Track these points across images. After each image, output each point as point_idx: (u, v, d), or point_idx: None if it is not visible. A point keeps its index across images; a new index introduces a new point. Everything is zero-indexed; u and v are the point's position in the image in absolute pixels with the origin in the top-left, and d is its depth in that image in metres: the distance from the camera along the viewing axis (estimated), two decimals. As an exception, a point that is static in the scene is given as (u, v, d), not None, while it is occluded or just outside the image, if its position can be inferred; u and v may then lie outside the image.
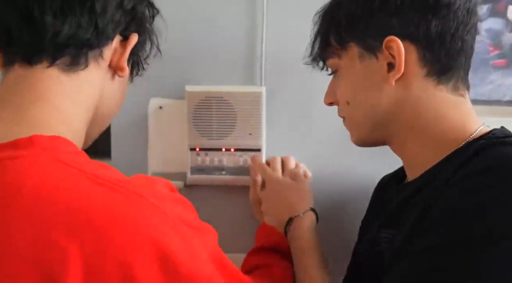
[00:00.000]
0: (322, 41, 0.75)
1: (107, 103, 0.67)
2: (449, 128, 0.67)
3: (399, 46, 0.65)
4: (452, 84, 0.67)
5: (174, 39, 1.00)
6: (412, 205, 0.68)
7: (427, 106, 0.67)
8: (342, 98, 0.75)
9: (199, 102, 0.98)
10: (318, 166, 1.01)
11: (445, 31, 0.65)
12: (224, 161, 1.00)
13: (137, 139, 1.03)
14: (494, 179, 0.56)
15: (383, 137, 0.73)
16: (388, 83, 0.67)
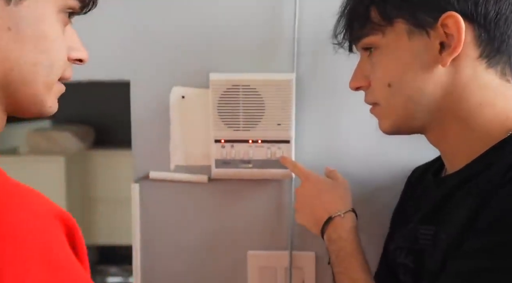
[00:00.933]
0: (360, 18, 0.70)
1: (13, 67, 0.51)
2: (495, 116, 0.65)
3: (459, 23, 0.62)
4: (501, 68, 0.65)
5: (197, 24, 0.95)
6: (458, 200, 0.65)
7: (475, 91, 0.65)
8: (382, 80, 0.69)
9: (224, 91, 0.92)
10: (352, 159, 0.95)
11: (501, 13, 0.63)
12: (250, 153, 0.94)
13: (159, 131, 0.98)
14: None
15: (421, 125, 0.69)
16: (441, 63, 0.64)
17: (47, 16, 0.52)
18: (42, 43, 0.52)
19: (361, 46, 0.72)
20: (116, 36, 0.96)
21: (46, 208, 0.46)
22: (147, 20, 0.96)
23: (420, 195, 0.77)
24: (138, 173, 0.99)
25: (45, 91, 0.54)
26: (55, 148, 2.72)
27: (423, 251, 0.69)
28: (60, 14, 0.54)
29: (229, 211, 0.99)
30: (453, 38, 0.63)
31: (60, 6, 0.54)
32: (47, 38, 0.52)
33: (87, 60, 0.60)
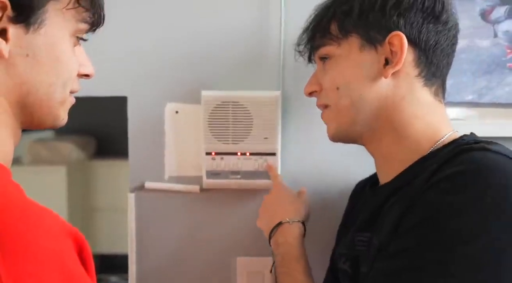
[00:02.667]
0: (321, 29, 0.78)
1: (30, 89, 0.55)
2: (424, 129, 0.72)
3: (403, 43, 0.70)
4: (435, 89, 0.74)
5: (189, 44, 1.02)
6: (388, 208, 0.71)
7: (410, 104, 0.72)
8: (331, 84, 0.77)
9: (215, 107, 0.99)
10: (333, 170, 1.01)
11: (439, 43, 0.73)
12: (239, 165, 1.00)
13: (154, 144, 1.04)
14: (465, 183, 0.61)
15: (361, 132, 0.76)
16: (383, 75, 0.72)
17: (61, 41, 0.56)
18: (56, 66, 0.56)
19: (318, 55, 0.81)
20: (114, 55, 1.03)
21: (59, 226, 0.49)
22: (143, 40, 1.02)
23: (360, 205, 0.84)
24: (134, 183, 1.05)
25: (59, 106, 0.59)
26: (57, 158, 2.74)
27: (358, 257, 0.75)
28: (72, 37, 0.58)
29: (219, 219, 1.05)
30: (396, 55, 0.71)
31: (72, 31, 0.58)
32: (61, 61, 0.57)
33: (93, 75, 0.64)
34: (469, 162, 0.64)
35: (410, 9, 0.71)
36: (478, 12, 0.99)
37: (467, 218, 0.59)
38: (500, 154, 0.64)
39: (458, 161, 0.64)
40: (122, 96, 1.04)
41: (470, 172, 0.62)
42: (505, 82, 0.97)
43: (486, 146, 0.65)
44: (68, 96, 0.61)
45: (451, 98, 0.95)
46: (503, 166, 0.62)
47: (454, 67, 0.96)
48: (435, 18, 0.72)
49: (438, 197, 0.62)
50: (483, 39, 0.98)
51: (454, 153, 0.66)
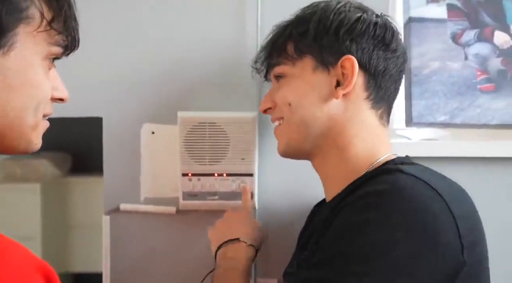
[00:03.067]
0: (278, 49, 0.81)
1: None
2: (364, 150, 0.75)
3: (354, 65, 0.74)
4: (380, 113, 0.77)
5: (166, 64, 1.02)
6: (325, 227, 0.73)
7: (355, 124, 0.76)
8: (284, 99, 0.79)
9: (191, 128, 0.98)
10: (310, 191, 1.01)
11: (388, 69, 0.76)
12: (216, 186, 1.00)
13: (130, 165, 1.03)
14: (373, 202, 0.65)
15: (309, 149, 0.79)
16: (334, 96, 0.75)
17: (33, 64, 0.55)
18: (28, 90, 0.55)
19: (273, 73, 0.83)
20: (90, 75, 1.02)
21: (27, 261, 0.47)
22: (118, 60, 1.02)
23: (307, 225, 0.87)
24: (109, 205, 1.04)
25: (31, 131, 0.57)
26: (31, 175, 2.68)
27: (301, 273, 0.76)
28: (44, 61, 0.57)
29: (196, 241, 1.04)
30: (347, 77, 0.74)
31: (44, 54, 0.56)
32: (33, 85, 0.55)
33: (67, 99, 0.62)
34: (380, 183, 0.67)
35: (362, 35, 0.75)
36: (449, 35, 1.02)
37: (375, 234, 0.63)
38: (411, 175, 0.67)
39: (373, 182, 0.68)
40: (97, 117, 1.03)
41: (379, 192, 0.65)
42: (476, 103, 0.99)
43: (400, 167, 0.69)
44: (41, 120, 0.59)
45: (424, 119, 0.97)
46: (411, 187, 0.65)
47: (427, 89, 0.98)
48: (385, 46, 0.76)
49: (349, 215, 0.66)
50: (454, 61, 1.01)
51: (372, 174, 0.70)
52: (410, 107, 0.98)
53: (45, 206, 2.67)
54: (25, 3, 0.53)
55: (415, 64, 0.99)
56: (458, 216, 0.64)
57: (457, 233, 0.63)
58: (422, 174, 0.68)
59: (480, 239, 0.69)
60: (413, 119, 0.97)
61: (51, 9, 0.56)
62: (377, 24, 0.76)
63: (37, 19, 0.55)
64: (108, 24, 1.01)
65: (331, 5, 0.77)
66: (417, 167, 0.73)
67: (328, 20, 0.75)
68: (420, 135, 1.00)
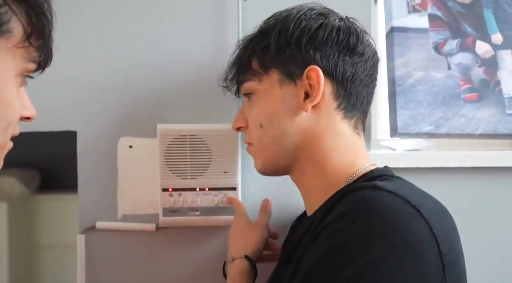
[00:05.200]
0: (243, 65, 0.79)
1: None
2: (342, 162, 0.73)
3: (319, 75, 0.71)
4: (354, 122, 0.75)
5: (144, 75, 0.98)
6: (305, 243, 0.70)
7: (329, 137, 0.73)
8: (255, 121, 0.78)
9: (171, 141, 0.94)
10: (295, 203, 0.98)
11: (357, 75, 0.73)
12: (198, 201, 0.96)
13: (106, 181, 0.98)
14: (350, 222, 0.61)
15: (286, 165, 0.77)
16: (303, 109, 0.72)
17: (7, 80, 0.52)
18: (0, 109, 0.52)
19: (243, 91, 0.81)
20: (63, 87, 0.97)
21: None
22: (93, 71, 0.98)
23: (289, 238, 0.85)
24: (84, 223, 0.98)
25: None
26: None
27: None
28: (18, 78, 0.54)
29: (178, 259, 1.00)
30: (314, 88, 0.71)
31: (19, 70, 0.54)
32: (5, 103, 0.53)
33: (35, 118, 0.60)
34: (354, 202, 0.63)
35: (325, 43, 0.72)
36: (431, 45, 1.01)
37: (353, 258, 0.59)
38: (389, 192, 0.63)
39: (349, 200, 0.64)
40: (71, 131, 0.98)
41: (355, 212, 0.62)
42: (461, 113, 0.99)
43: (377, 184, 0.64)
44: (8, 141, 0.56)
45: (410, 129, 0.96)
46: (390, 205, 0.61)
47: (411, 99, 0.98)
48: (351, 51, 0.73)
49: (326, 239, 0.63)
50: (438, 71, 1.00)
51: (348, 190, 0.66)
52: (394, 117, 0.96)
53: (12, 226, 2.59)
54: (6, 16, 0.51)
55: (399, 74, 0.98)
56: (438, 234, 0.61)
57: (438, 253, 0.60)
58: (401, 190, 0.64)
59: (460, 258, 0.65)
60: (398, 129, 0.96)
61: (30, 25, 0.54)
62: (340, 29, 0.73)
63: (18, 34, 0.53)
64: (85, 35, 0.97)
65: (291, 15, 0.74)
66: (395, 182, 0.69)
67: (288, 31, 0.73)
68: (405, 146, 0.99)
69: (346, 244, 0.60)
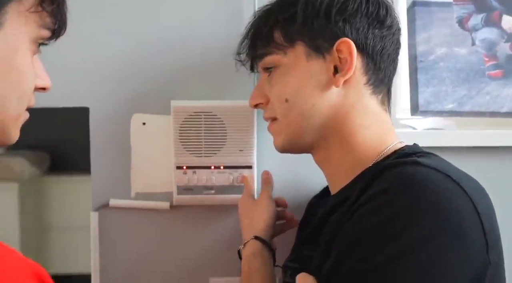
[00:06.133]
0: (264, 37, 0.75)
1: None
2: (370, 138, 0.71)
3: (351, 48, 0.68)
4: (381, 97, 0.72)
5: (158, 50, 0.95)
6: (331, 222, 0.69)
7: (358, 113, 0.70)
8: (280, 95, 0.74)
9: (186, 118, 0.92)
10: (311, 183, 0.96)
11: (386, 49, 0.71)
12: (213, 179, 0.94)
13: (119, 158, 0.97)
14: (391, 200, 0.59)
15: (311, 142, 0.74)
16: (334, 84, 0.69)
17: (20, 48, 0.51)
18: (14, 76, 0.50)
19: (262, 65, 0.77)
20: (75, 62, 0.95)
21: (20, 266, 0.42)
22: (106, 45, 0.95)
23: (308, 217, 0.82)
24: (97, 201, 0.97)
25: (12, 123, 0.52)
26: (8, 175, 2.60)
27: (304, 270, 0.71)
28: (32, 44, 0.53)
29: (191, 238, 0.98)
30: (345, 62, 0.69)
31: (33, 37, 0.52)
32: (19, 71, 0.51)
33: (50, 88, 0.58)
34: (398, 177, 0.61)
35: (355, 14, 0.69)
36: (455, 19, 0.98)
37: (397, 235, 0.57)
38: (431, 168, 0.61)
39: (389, 176, 0.62)
40: (83, 107, 0.96)
41: (400, 187, 0.60)
42: (485, 90, 0.96)
43: (418, 160, 0.63)
44: (24, 111, 0.54)
45: (431, 107, 0.93)
46: (433, 181, 0.60)
47: (433, 76, 0.94)
48: (380, 23, 0.71)
49: (368, 215, 0.60)
50: (461, 47, 0.97)
51: (386, 166, 0.64)
52: (416, 95, 0.93)
53: (23, 206, 2.60)
54: None
55: (421, 50, 0.95)
56: (481, 212, 0.59)
57: (482, 230, 0.58)
58: (441, 166, 0.62)
59: (499, 238, 0.64)
60: (420, 107, 0.93)
61: None
62: (369, 1, 0.70)
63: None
64: (97, 9, 0.94)
65: None
66: (433, 158, 0.67)
67: (317, 1, 0.69)
68: (425, 125, 0.96)
69: (388, 221, 0.58)
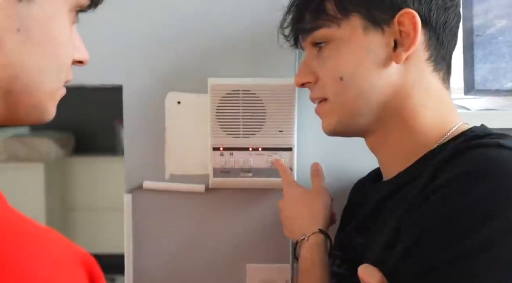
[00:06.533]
0: (314, 9, 0.68)
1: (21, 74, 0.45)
2: (433, 119, 0.66)
3: (415, 20, 0.62)
4: (442, 75, 0.67)
5: (194, 25, 0.91)
6: (390, 208, 0.64)
7: (419, 92, 0.65)
8: (333, 73, 0.68)
9: (223, 97, 0.88)
10: (356, 167, 0.91)
11: (449, 22, 0.66)
12: (251, 161, 0.90)
13: (153, 139, 0.93)
14: (476, 184, 0.54)
15: (366, 124, 0.69)
16: (395, 60, 0.64)
17: (58, 15, 0.47)
18: (52, 47, 0.47)
19: (311, 40, 0.70)
20: (108, 38, 0.91)
21: (68, 252, 0.39)
22: (141, 22, 0.91)
23: (359, 203, 0.76)
24: (131, 183, 0.94)
25: (49, 98, 0.49)
26: (34, 155, 2.63)
27: (356, 261, 0.67)
28: (70, 13, 0.49)
29: (227, 222, 0.95)
30: (407, 36, 0.63)
31: (71, 4, 0.49)
32: (57, 40, 0.47)
33: (88, 62, 0.55)
34: (480, 160, 0.57)
35: None
36: (516, -11, 0.91)
37: (481, 222, 0.53)
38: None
39: (467, 159, 0.57)
40: (116, 86, 0.93)
41: (482, 171, 0.55)
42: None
43: (500, 142, 0.58)
44: (61, 86, 0.51)
45: (489, 85, 0.87)
46: None
47: (491, 51, 0.88)
48: None
49: (445, 202, 0.55)
50: (523, 20, 0.90)
51: (462, 148, 0.59)
52: (471, 72, 0.87)
53: (49, 187, 2.63)
54: None
55: (478, 23, 0.88)
56: None
57: None
58: None
59: None
60: (476, 85, 0.87)
61: None
62: None
63: None
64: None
65: None
66: None
67: None
68: (480, 105, 0.90)
69: (467, 210, 0.53)
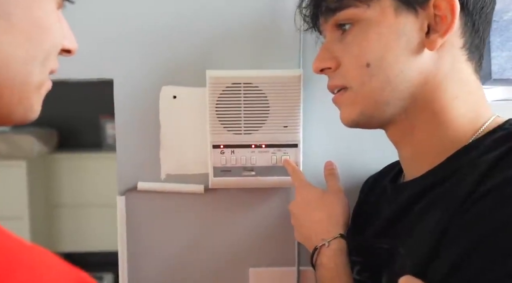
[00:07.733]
0: None
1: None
2: (464, 113, 0.60)
3: (454, 4, 0.57)
4: (475, 63, 0.62)
5: (191, 14, 0.84)
6: (421, 210, 0.58)
7: (453, 83, 0.60)
8: (359, 58, 0.61)
9: (223, 90, 0.82)
10: (365, 164, 0.86)
11: (485, 7, 0.61)
12: (253, 159, 0.84)
13: (147, 136, 0.87)
14: None
15: (391, 115, 0.62)
16: (429, 47, 0.58)
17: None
18: (37, 33, 0.41)
19: (335, 21, 0.63)
20: (97, 28, 0.84)
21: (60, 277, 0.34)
22: (132, 11, 0.84)
23: (373, 203, 0.71)
24: (124, 184, 0.87)
25: (34, 92, 0.43)
26: (16, 152, 2.55)
27: (380, 267, 0.62)
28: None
29: (229, 224, 0.89)
30: (442, 20, 0.58)
31: None
32: (43, 27, 0.42)
33: (76, 52, 0.49)
34: None
35: None
36: (532, -26, 0.86)
37: None
38: None
39: None
40: (106, 80, 0.86)
41: None
42: None
43: None
44: (47, 78, 0.46)
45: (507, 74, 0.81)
46: None
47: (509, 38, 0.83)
48: None
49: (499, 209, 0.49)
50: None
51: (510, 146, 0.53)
52: (488, 61, 0.82)
53: (32, 184, 2.56)
54: None
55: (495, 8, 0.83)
56: None
57: None
58: None
59: None
60: (493, 75, 0.82)
61: None
62: None
63: None
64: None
65: None
66: None
67: None
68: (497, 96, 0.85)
69: None
